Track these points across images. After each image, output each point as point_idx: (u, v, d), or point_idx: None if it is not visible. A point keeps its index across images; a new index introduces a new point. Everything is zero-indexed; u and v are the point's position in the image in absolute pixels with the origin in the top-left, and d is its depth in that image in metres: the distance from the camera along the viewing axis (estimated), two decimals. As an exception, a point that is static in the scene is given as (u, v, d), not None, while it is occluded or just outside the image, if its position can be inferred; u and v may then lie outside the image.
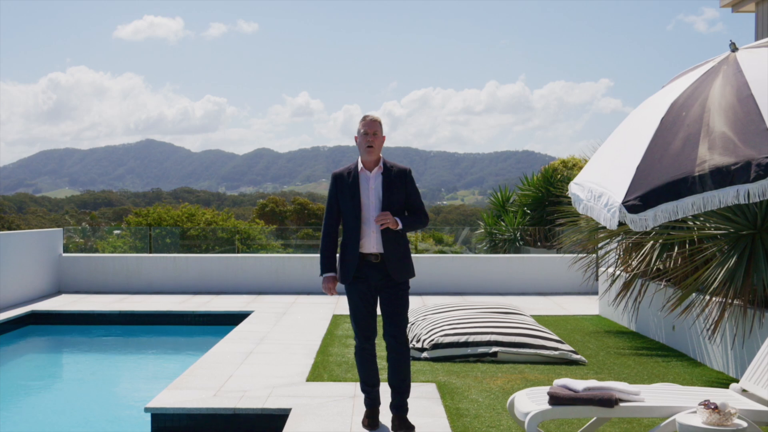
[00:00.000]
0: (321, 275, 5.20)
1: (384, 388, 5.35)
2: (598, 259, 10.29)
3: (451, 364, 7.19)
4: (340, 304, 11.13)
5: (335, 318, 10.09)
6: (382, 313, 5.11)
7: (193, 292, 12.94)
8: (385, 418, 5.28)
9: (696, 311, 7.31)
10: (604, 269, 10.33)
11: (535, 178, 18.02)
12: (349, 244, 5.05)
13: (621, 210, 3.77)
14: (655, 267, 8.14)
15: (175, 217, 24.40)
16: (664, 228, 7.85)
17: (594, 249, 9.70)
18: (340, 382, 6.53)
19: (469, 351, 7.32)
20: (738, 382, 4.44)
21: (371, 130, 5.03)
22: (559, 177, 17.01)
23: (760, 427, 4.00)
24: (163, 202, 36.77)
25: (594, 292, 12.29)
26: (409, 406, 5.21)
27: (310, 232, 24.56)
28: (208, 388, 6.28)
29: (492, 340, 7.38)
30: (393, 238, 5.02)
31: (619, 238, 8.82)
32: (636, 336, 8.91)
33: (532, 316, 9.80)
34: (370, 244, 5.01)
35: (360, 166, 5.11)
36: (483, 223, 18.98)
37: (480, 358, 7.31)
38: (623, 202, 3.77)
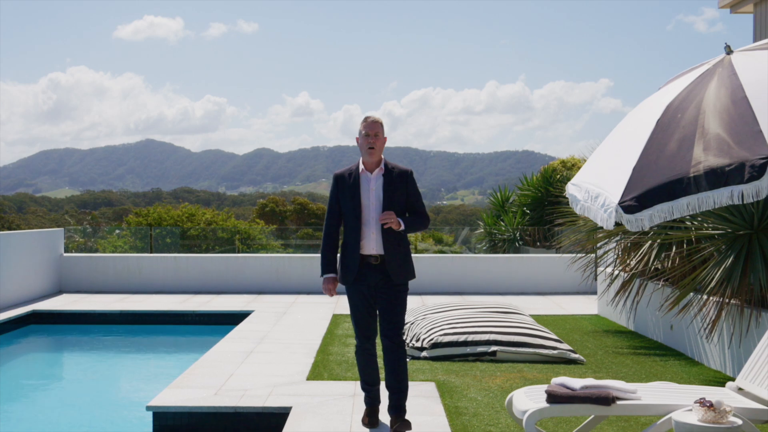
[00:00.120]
0: (321, 276, 5.20)
1: (384, 388, 5.39)
2: (597, 259, 10.33)
3: (450, 363, 7.23)
4: (340, 304, 11.17)
5: (335, 317, 10.13)
6: (379, 313, 5.10)
7: (193, 292, 12.98)
8: (384, 417, 5.32)
9: (693, 311, 7.35)
10: (602, 269, 10.37)
11: (535, 178, 18.07)
12: (349, 245, 5.05)
13: (617, 210, 3.81)
14: (653, 267, 8.18)
15: (176, 217, 24.43)
16: (662, 228, 7.89)
17: (593, 249, 9.74)
18: (340, 380, 6.57)
19: (469, 350, 7.36)
20: (734, 380, 4.48)
21: (372, 132, 5.02)
22: (559, 177, 17.07)
23: (756, 425, 4.04)
24: (163, 202, 36.80)
25: (593, 291, 12.33)
26: (407, 407, 5.20)
27: (309, 232, 24.61)
28: (209, 387, 6.32)
29: (491, 339, 7.41)
30: (393, 239, 5.00)
31: (617, 238, 8.86)
32: (634, 335, 8.95)
33: (532, 315, 9.84)
34: (370, 245, 5.00)
35: (361, 167, 5.09)
36: (483, 223, 19.03)
37: (479, 357, 7.35)
38: (619, 203, 3.82)
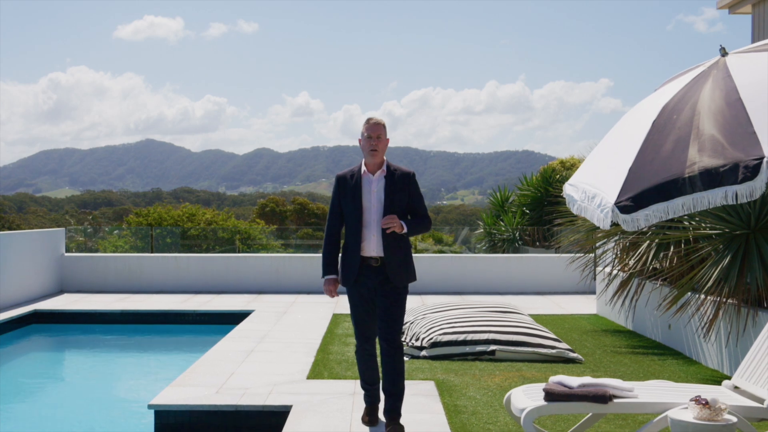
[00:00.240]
0: (323, 277, 5.20)
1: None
2: (596, 259, 10.37)
3: (449, 362, 7.27)
4: (340, 304, 11.20)
5: (335, 317, 10.17)
6: (378, 315, 5.08)
7: (194, 292, 13.02)
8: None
9: (691, 310, 7.40)
10: (601, 269, 10.41)
11: (534, 178, 18.12)
12: (350, 247, 5.04)
13: (613, 210, 3.86)
14: (652, 266, 8.22)
15: (176, 217, 24.48)
16: (660, 228, 7.93)
17: (591, 249, 9.78)
18: (340, 379, 6.61)
19: (468, 349, 7.40)
20: (731, 379, 4.52)
21: (375, 134, 4.98)
22: (558, 177, 17.12)
23: (751, 423, 4.08)
24: (164, 202, 36.85)
25: (591, 291, 12.37)
26: (406, 407, 5.21)
27: (309, 232, 24.67)
28: (210, 386, 6.37)
29: (490, 338, 7.45)
30: (394, 242, 4.98)
31: (616, 237, 8.90)
32: (632, 335, 8.99)
33: (531, 315, 9.89)
34: (371, 247, 4.98)
35: (363, 168, 5.07)
36: (482, 223, 19.07)
37: (478, 357, 7.39)
38: (616, 203, 3.86)
